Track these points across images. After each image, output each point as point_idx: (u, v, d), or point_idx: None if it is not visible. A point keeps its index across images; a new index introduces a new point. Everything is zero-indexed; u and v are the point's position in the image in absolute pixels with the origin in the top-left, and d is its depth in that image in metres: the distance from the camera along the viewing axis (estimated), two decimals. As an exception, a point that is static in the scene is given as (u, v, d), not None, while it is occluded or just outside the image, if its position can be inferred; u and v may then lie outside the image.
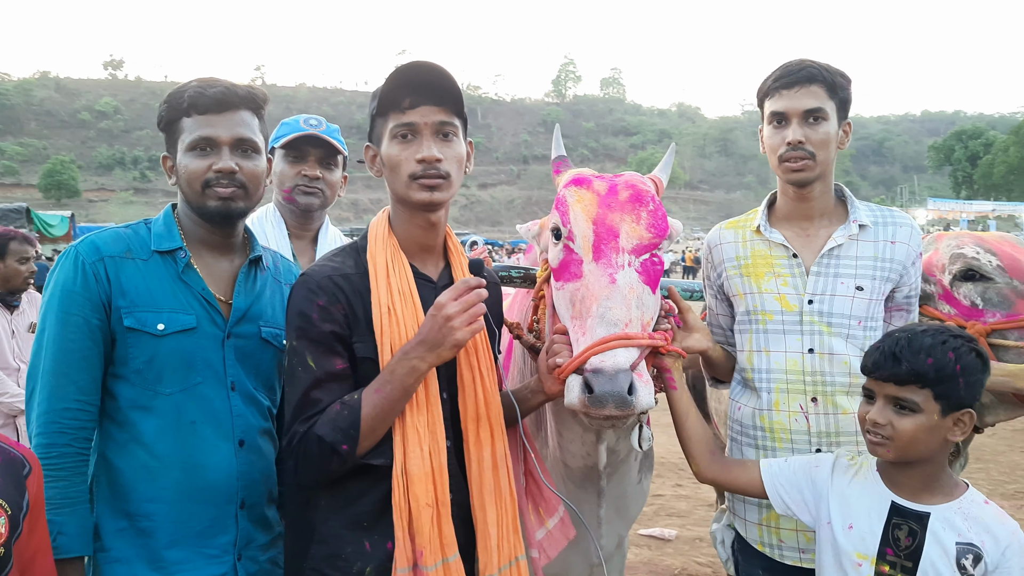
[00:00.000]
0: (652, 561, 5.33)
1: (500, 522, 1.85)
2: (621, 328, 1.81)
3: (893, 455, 1.74)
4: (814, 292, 2.14)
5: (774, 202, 2.33)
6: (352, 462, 1.72)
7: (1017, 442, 8.52)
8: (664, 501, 6.59)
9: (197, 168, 1.89)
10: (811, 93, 2.11)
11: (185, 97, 1.90)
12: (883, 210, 2.26)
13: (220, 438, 1.87)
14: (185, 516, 1.82)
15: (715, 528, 2.52)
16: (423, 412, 1.78)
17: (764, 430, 2.17)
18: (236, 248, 2.04)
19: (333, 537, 1.77)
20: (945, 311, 2.37)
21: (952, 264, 2.40)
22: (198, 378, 1.86)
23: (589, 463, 2.19)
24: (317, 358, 1.75)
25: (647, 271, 1.96)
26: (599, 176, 2.11)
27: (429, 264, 1.95)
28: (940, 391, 1.69)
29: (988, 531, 1.70)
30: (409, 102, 1.80)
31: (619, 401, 1.70)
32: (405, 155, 1.82)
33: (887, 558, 1.75)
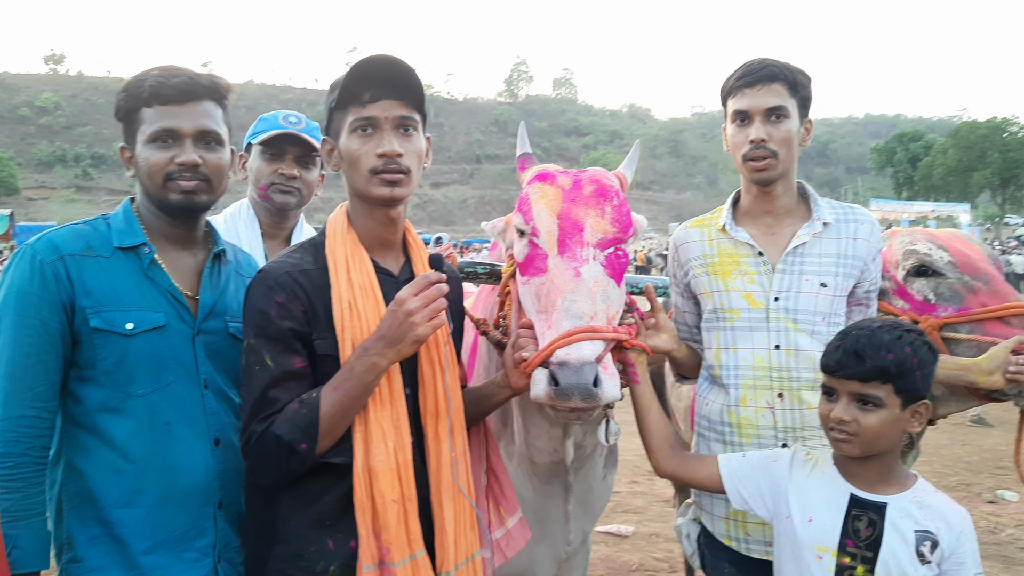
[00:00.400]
0: (610, 557, 5.37)
1: (458, 518, 1.85)
2: (586, 321, 1.82)
3: (860, 450, 1.78)
4: (780, 289, 2.17)
5: (738, 200, 2.35)
6: (311, 461, 1.70)
7: (958, 436, 8.80)
8: (620, 498, 6.65)
9: (158, 161, 1.84)
10: (773, 91, 2.15)
11: (146, 86, 1.83)
12: (844, 207, 2.30)
13: (196, 437, 1.83)
14: (163, 520, 1.77)
15: (680, 522, 2.54)
16: (387, 408, 1.76)
17: (732, 426, 2.20)
18: (198, 242, 1.99)
19: (295, 537, 1.75)
20: (899, 306, 2.43)
21: (906, 260, 2.46)
22: (171, 377, 1.81)
23: (556, 459, 2.19)
24: (275, 356, 1.73)
25: (612, 265, 1.98)
26: (563, 172, 2.12)
27: (389, 259, 1.93)
28: (900, 385, 1.74)
29: (942, 518, 1.75)
30: (370, 96, 1.79)
31: (585, 393, 1.72)
32: (365, 149, 1.79)
33: (847, 549, 1.78)
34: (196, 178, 1.85)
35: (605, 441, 2.08)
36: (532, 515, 2.33)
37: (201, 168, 1.86)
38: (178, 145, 1.84)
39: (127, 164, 1.93)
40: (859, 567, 1.76)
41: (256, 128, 2.73)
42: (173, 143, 1.84)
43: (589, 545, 2.80)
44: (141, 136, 1.85)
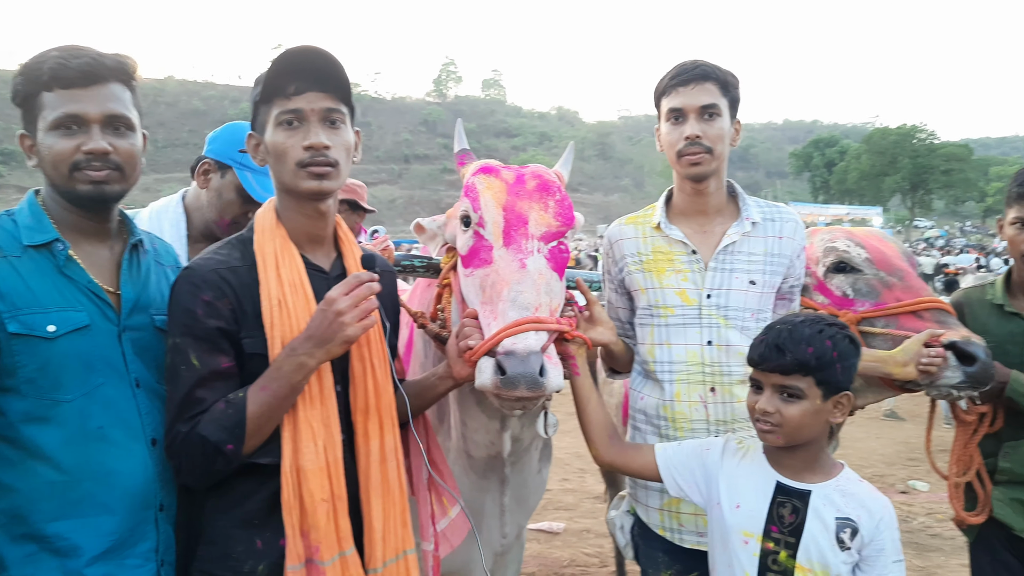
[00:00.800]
0: (541, 554, 5.41)
1: (387, 515, 1.84)
2: (532, 312, 1.84)
3: (783, 440, 1.84)
4: (712, 287, 2.24)
5: (671, 198, 2.41)
6: (238, 461, 1.68)
7: (873, 429, 9.16)
8: (552, 495, 6.70)
9: (64, 149, 1.70)
10: (706, 90, 2.21)
11: (45, 69, 1.69)
12: (770, 206, 2.39)
13: (131, 440, 1.73)
14: (103, 529, 1.67)
15: (613, 515, 2.58)
16: (317, 406, 1.74)
17: (667, 420, 2.25)
18: (113, 233, 1.87)
19: (223, 537, 1.72)
20: (819, 301, 2.52)
21: (826, 257, 2.56)
22: (99, 379, 1.70)
23: (493, 452, 2.21)
24: (201, 356, 1.69)
25: (555, 258, 2.01)
26: (506, 167, 2.14)
27: (320, 255, 1.90)
28: (821, 377, 1.80)
29: (863, 506, 1.82)
30: (295, 88, 1.75)
31: (531, 382, 1.73)
32: (291, 142, 1.76)
33: (772, 535, 1.85)
34: (106, 167, 1.73)
35: (544, 433, 2.10)
36: (468, 509, 2.32)
37: (111, 156, 1.73)
38: (84, 132, 1.71)
39: (28, 153, 1.78)
40: (782, 552, 1.83)
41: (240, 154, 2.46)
42: (79, 130, 1.71)
43: (523, 540, 2.82)
44: (43, 123, 1.71)
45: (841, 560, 1.79)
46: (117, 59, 1.78)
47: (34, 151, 1.76)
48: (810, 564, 1.80)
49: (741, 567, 1.87)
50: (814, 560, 1.80)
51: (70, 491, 1.65)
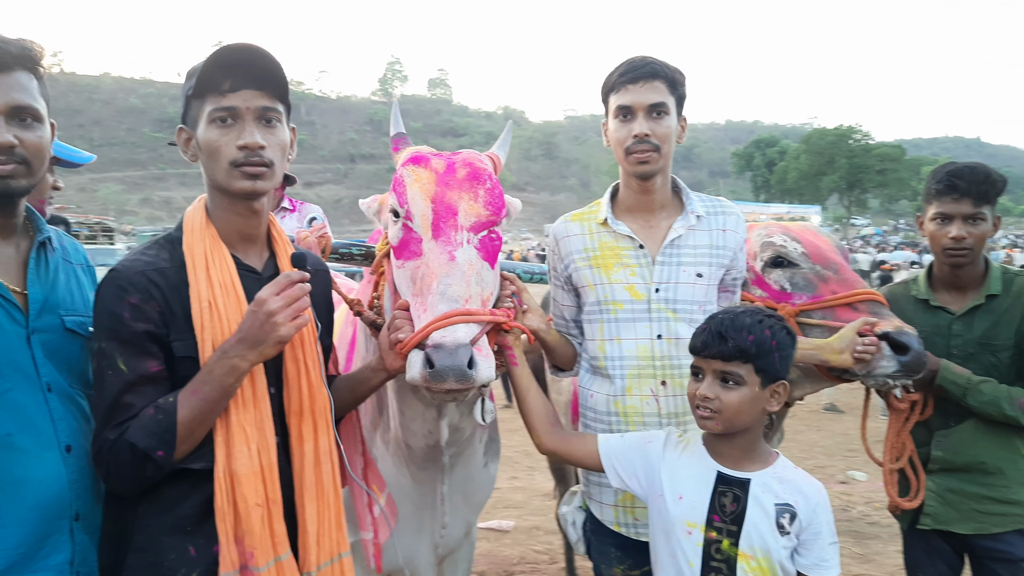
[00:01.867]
0: (491, 553, 5.40)
1: (321, 518, 1.81)
2: (462, 304, 1.83)
3: (721, 427, 1.88)
4: (660, 281, 2.26)
5: (616, 194, 2.42)
6: (169, 468, 1.63)
7: (813, 422, 9.40)
8: (501, 493, 6.70)
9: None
10: (655, 88, 2.23)
11: None
12: (713, 201, 2.42)
13: (42, 447, 1.65)
14: (12, 540, 1.58)
15: (565, 510, 2.59)
16: (250, 409, 1.70)
17: (618, 415, 2.26)
18: (18, 231, 1.77)
19: (154, 544, 1.66)
20: (758, 295, 2.56)
21: (763, 252, 2.60)
22: (7, 384, 1.61)
23: (431, 441, 2.19)
24: (128, 360, 1.64)
25: (486, 248, 2.00)
26: (437, 154, 2.12)
27: (252, 255, 1.86)
28: (760, 365, 1.85)
29: (800, 491, 1.87)
30: (230, 84, 1.71)
31: (459, 375, 1.72)
32: (225, 140, 1.71)
33: (714, 524, 1.88)
34: (12, 161, 1.64)
35: (481, 420, 2.10)
36: (409, 503, 2.33)
37: (17, 149, 1.64)
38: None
39: None
40: (725, 540, 1.86)
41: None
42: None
43: (474, 539, 2.80)
44: None
45: (781, 545, 1.83)
46: (22, 45, 1.68)
47: None
48: (752, 551, 1.84)
49: (685, 557, 1.90)
50: (756, 547, 1.84)
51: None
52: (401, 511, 2.31)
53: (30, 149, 1.67)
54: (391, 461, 2.31)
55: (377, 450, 2.33)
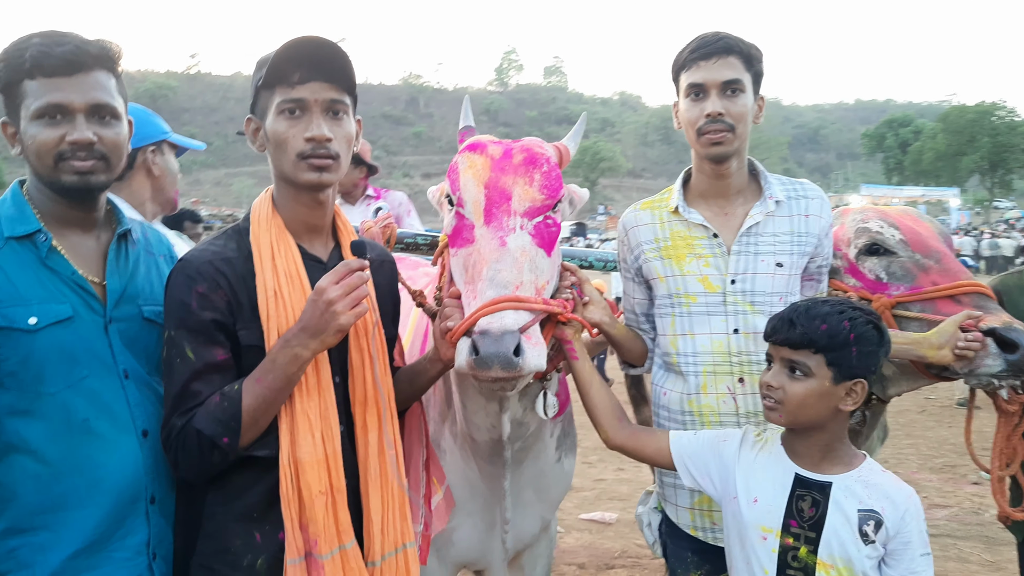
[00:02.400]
0: (592, 545, 5.36)
1: (385, 508, 1.81)
2: (512, 290, 1.79)
3: (784, 419, 1.77)
4: (736, 272, 2.14)
5: (688, 180, 2.31)
6: (234, 455, 1.67)
7: (945, 418, 8.84)
8: (606, 485, 6.66)
9: (48, 139, 1.67)
10: (729, 64, 2.11)
11: (27, 56, 1.65)
12: (794, 183, 2.28)
13: (120, 432, 1.70)
14: (90, 522, 1.65)
15: (641, 511, 2.53)
16: (314, 398, 1.72)
17: (693, 414, 2.17)
18: (100, 223, 1.84)
19: (221, 531, 1.71)
20: (851, 284, 2.41)
21: (857, 238, 2.44)
22: (84, 371, 1.67)
23: (494, 435, 2.16)
24: (196, 348, 1.68)
25: (541, 234, 1.94)
26: (497, 141, 2.08)
27: (317, 244, 1.88)
28: (832, 358, 1.73)
29: (887, 497, 1.74)
30: (299, 77, 1.73)
31: (504, 362, 1.68)
32: (293, 132, 1.74)
33: (791, 530, 1.77)
34: (92, 157, 1.70)
35: (544, 414, 2.06)
36: (479, 497, 2.32)
37: (97, 146, 1.70)
38: (69, 121, 1.68)
39: (11, 141, 1.75)
40: (802, 547, 1.75)
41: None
42: (63, 119, 1.67)
43: (552, 534, 2.76)
44: (25, 111, 1.68)
45: (865, 555, 1.71)
46: (102, 45, 1.75)
47: (17, 139, 1.73)
48: (832, 560, 1.72)
49: (760, 564, 1.80)
50: (836, 555, 1.72)
51: (55, 484, 1.63)
52: (470, 504, 2.31)
53: (108, 145, 1.73)
54: (459, 454, 2.30)
55: (446, 443, 2.32)
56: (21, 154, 1.75)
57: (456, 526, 2.35)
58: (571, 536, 5.50)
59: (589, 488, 6.61)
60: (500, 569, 2.49)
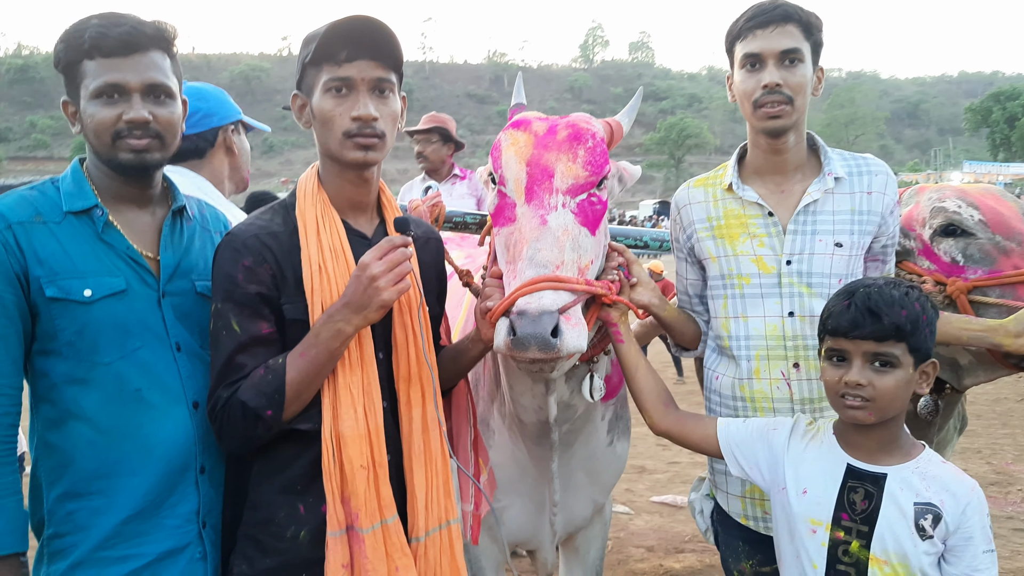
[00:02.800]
0: (663, 528, 5.31)
1: (429, 484, 1.82)
2: (552, 270, 1.76)
3: (875, 416, 1.68)
4: (792, 252, 2.05)
5: (744, 156, 2.21)
6: (278, 428, 1.69)
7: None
8: (680, 468, 6.58)
9: (105, 118, 1.73)
10: (787, 33, 2.01)
11: (86, 37, 1.71)
12: (856, 158, 2.15)
13: (171, 402, 1.76)
14: (141, 489, 1.71)
15: (693, 497, 2.46)
16: (357, 373, 1.73)
17: (744, 400, 2.09)
18: (156, 200, 1.89)
19: (265, 503, 1.74)
20: (925, 267, 2.30)
21: (933, 218, 2.31)
22: (137, 343, 1.73)
23: (542, 417, 2.14)
24: (242, 321, 1.70)
25: (584, 212, 1.90)
26: (543, 118, 2.04)
27: (363, 221, 1.89)
28: (913, 343, 1.65)
29: (947, 489, 1.64)
30: (346, 55, 1.73)
31: (542, 343, 1.65)
32: (339, 111, 1.74)
33: (842, 523, 1.70)
34: (147, 136, 1.75)
35: (590, 397, 2.03)
36: (528, 478, 2.30)
37: (152, 125, 1.75)
38: (125, 101, 1.73)
39: (71, 120, 1.82)
40: (854, 542, 1.67)
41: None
42: (120, 99, 1.73)
43: (607, 517, 2.73)
44: (84, 91, 1.74)
45: (922, 551, 1.62)
46: (157, 27, 1.79)
47: (76, 118, 1.79)
48: (886, 555, 1.64)
49: (809, 558, 1.73)
50: (890, 551, 1.64)
51: (109, 451, 1.69)
52: (519, 484, 2.30)
53: (163, 124, 1.78)
54: (508, 436, 2.29)
55: (494, 422, 2.31)
56: (80, 132, 1.80)
57: (506, 506, 2.35)
58: (641, 518, 5.46)
59: (662, 471, 6.55)
60: (550, 550, 2.48)
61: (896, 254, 2.34)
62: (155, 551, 1.72)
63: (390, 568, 1.71)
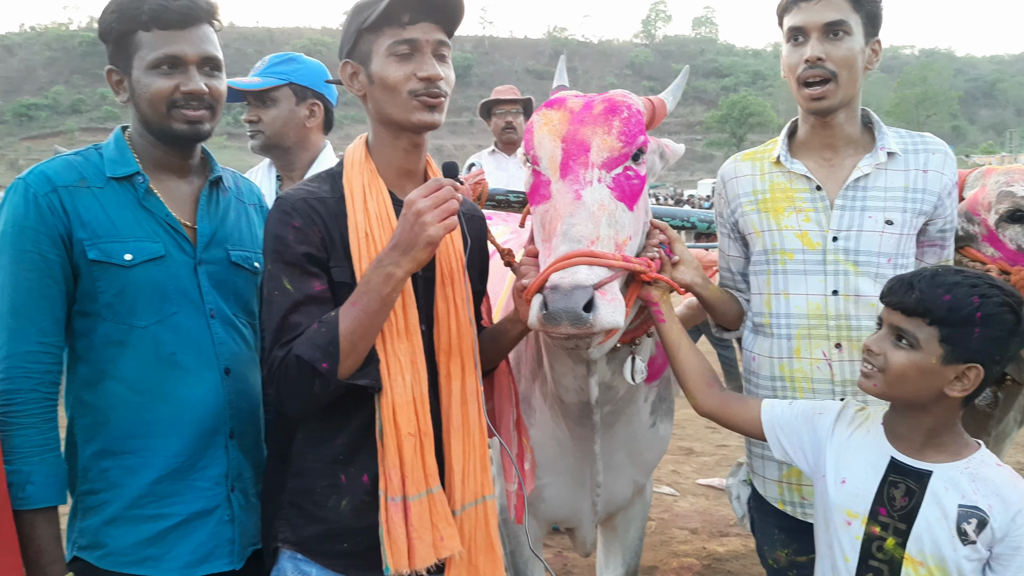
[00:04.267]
0: (708, 511, 5.28)
1: (466, 458, 1.81)
2: (586, 245, 1.74)
3: (879, 389, 1.63)
4: (839, 228, 1.99)
5: (795, 131, 2.15)
6: (335, 383, 1.65)
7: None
8: (729, 451, 6.51)
9: (163, 88, 1.78)
10: (832, 5, 1.94)
11: (145, 8, 1.75)
12: (914, 136, 2.07)
13: (204, 367, 1.82)
14: (173, 449, 1.77)
15: (731, 483, 2.43)
16: (404, 341, 1.73)
17: (784, 379, 2.04)
18: (194, 170, 1.94)
19: (309, 471, 1.76)
20: (989, 253, 2.21)
21: (999, 203, 2.22)
22: (173, 308, 1.79)
23: (583, 398, 2.12)
24: (294, 280, 1.70)
25: (621, 187, 1.86)
26: (579, 95, 2.02)
27: (409, 190, 1.85)
28: (948, 333, 1.55)
29: (997, 494, 1.56)
30: (409, 17, 1.73)
31: (574, 318, 1.63)
32: (405, 71, 1.74)
33: (879, 518, 1.64)
34: (202, 107, 1.82)
35: (631, 379, 2.00)
36: (570, 457, 2.30)
37: (206, 96, 1.82)
38: (182, 72, 1.79)
39: (115, 89, 1.86)
40: (890, 539, 1.62)
41: None
42: (176, 70, 1.78)
43: (648, 498, 2.72)
44: (139, 62, 1.78)
45: (963, 555, 1.55)
46: (209, 0, 1.84)
47: (122, 87, 1.83)
48: (922, 556, 1.58)
49: (841, 550, 1.68)
50: (927, 552, 1.57)
51: (143, 411, 1.75)
52: (560, 463, 2.30)
53: (216, 95, 1.85)
54: (549, 415, 2.28)
55: (536, 401, 2.31)
56: (127, 101, 1.85)
57: (547, 484, 2.35)
58: (686, 500, 5.44)
59: (710, 453, 6.49)
60: (589, 529, 2.48)
61: (959, 239, 2.26)
62: (185, 511, 1.78)
63: (435, 537, 1.71)
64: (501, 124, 4.95)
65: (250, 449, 1.93)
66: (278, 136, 2.75)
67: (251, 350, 1.98)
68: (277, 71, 2.72)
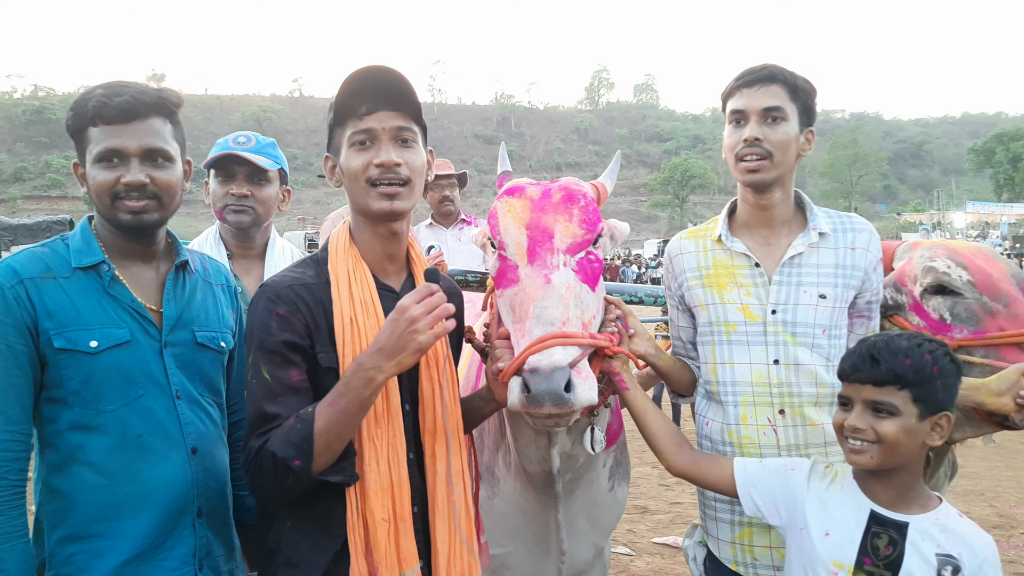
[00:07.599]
0: (663, 569, 5.29)
1: (452, 539, 1.82)
2: (559, 327, 1.81)
3: (876, 461, 1.72)
4: (777, 302, 2.13)
5: (735, 211, 2.31)
6: (308, 479, 1.65)
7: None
8: (682, 509, 6.55)
9: (105, 180, 1.83)
10: (771, 92, 2.12)
11: (90, 106, 1.83)
12: (842, 216, 2.25)
13: (171, 448, 1.84)
14: (140, 532, 1.78)
15: (687, 544, 2.50)
16: (383, 424, 1.74)
17: (733, 445, 2.15)
18: (160, 255, 1.98)
19: (304, 561, 1.75)
20: (914, 322, 2.35)
21: (923, 276, 2.37)
22: (139, 391, 1.82)
23: (546, 468, 2.18)
24: (272, 369, 1.71)
25: (584, 270, 1.97)
26: (534, 183, 2.13)
27: (392, 275, 1.93)
28: (918, 393, 1.69)
29: (966, 543, 1.69)
30: (366, 108, 1.78)
31: (556, 399, 1.70)
32: (363, 161, 1.79)
33: (865, 567, 1.73)
34: (144, 197, 1.85)
35: (591, 449, 2.07)
36: (534, 524, 2.34)
37: (149, 187, 1.85)
38: (124, 164, 1.83)
39: (81, 181, 1.92)
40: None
41: (210, 153, 2.78)
42: (119, 163, 1.83)
43: (606, 560, 2.76)
44: (89, 156, 1.85)
45: None
46: (158, 94, 1.89)
47: (84, 179, 1.90)
48: None
49: None
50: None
51: (111, 494, 1.77)
52: (524, 531, 2.34)
53: (161, 186, 1.88)
54: (513, 484, 2.33)
55: (499, 471, 2.35)
56: (87, 193, 1.91)
57: (511, 551, 2.38)
58: (642, 560, 5.45)
59: (664, 511, 6.52)
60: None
61: (888, 308, 2.42)
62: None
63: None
64: (438, 197, 5.00)
65: (219, 526, 1.94)
66: (267, 215, 2.79)
67: (218, 428, 2.00)
68: (270, 154, 2.79)
